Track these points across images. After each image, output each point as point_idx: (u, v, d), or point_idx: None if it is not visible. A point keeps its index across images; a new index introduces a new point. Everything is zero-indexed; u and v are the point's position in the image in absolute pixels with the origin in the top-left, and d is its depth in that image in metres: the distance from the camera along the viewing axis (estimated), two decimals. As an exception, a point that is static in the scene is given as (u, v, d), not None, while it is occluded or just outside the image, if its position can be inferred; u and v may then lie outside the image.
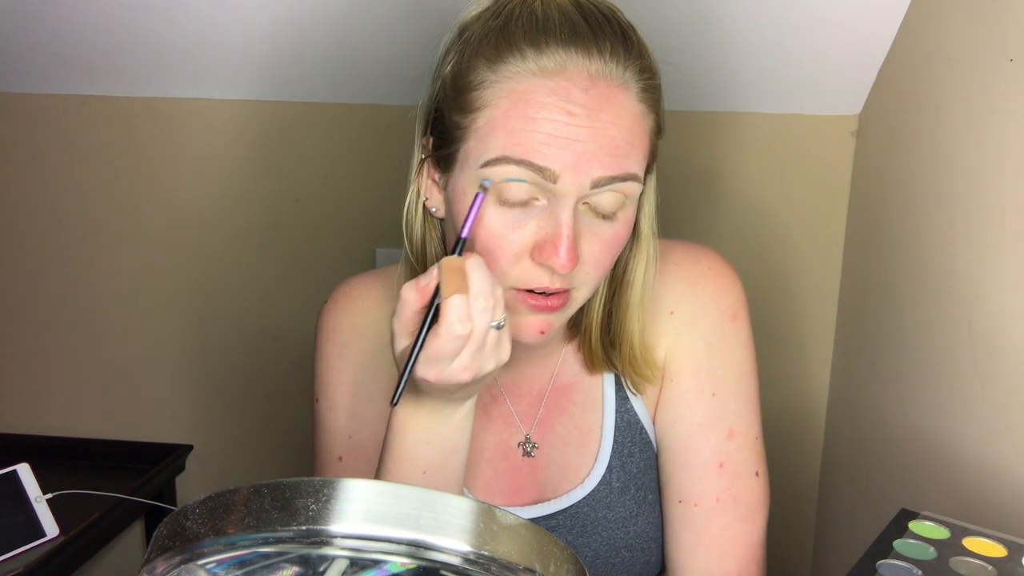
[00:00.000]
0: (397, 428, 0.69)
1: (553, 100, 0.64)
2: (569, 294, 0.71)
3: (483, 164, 0.66)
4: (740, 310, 0.82)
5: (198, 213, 1.46)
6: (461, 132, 0.68)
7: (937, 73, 1.06)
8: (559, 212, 0.66)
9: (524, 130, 0.65)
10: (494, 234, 0.67)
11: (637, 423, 0.83)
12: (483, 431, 0.83)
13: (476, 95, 0.67)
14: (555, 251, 0.66)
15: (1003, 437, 0.88)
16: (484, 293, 0.61)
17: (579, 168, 0.65)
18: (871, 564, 0.62)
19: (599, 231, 0.69)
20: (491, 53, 0.67)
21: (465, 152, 0.68)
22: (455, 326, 0.60)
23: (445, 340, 0.61)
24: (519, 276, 0.69)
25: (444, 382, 0.63)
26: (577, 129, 0.64)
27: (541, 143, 0.64)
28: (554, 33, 0.65)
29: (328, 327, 0.86)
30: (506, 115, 0.65)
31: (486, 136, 0.66)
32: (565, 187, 0.65)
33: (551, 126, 0.64)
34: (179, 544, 0.44)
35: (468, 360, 0.62)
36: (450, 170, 0.71)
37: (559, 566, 0.45)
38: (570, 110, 0.64)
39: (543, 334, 0.71)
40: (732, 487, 0.80)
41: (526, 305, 0.70)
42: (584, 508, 0.82)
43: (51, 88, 1.42)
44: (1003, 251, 0.89)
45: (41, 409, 1.54)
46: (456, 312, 0.60)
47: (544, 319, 0.71)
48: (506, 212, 0.67)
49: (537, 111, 0.64)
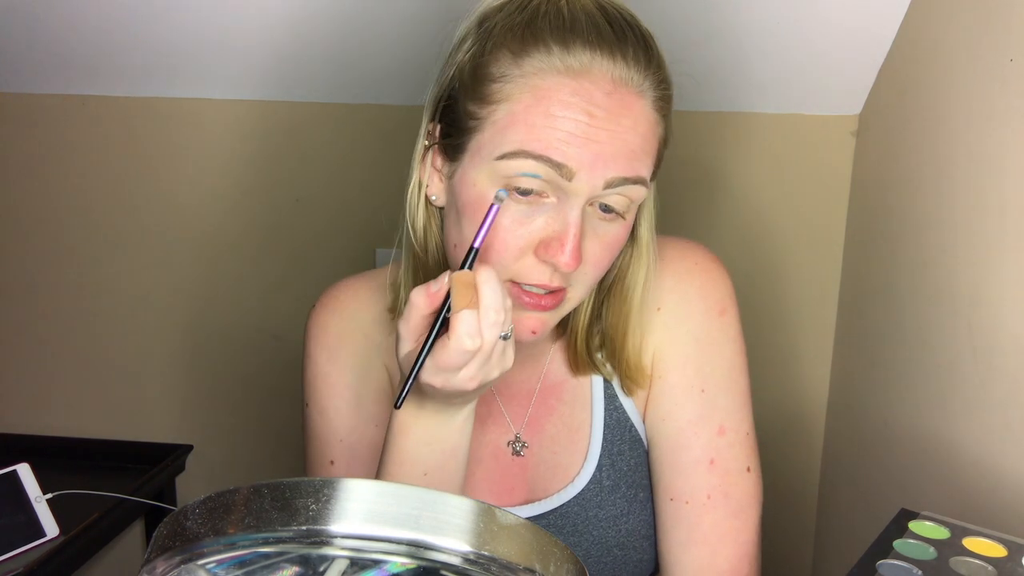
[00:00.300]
0: (398, 430, 0.69)
1: (576, 100, 0.65)
2: (564, 293, 0.71)
3: (499, 156, 0.66)
4: (728, 305, 0.82)
5: (198, 213, 1.46)
6: (476, 123, 0.68)
7: (937, 73, 1.06)
8: (568, 211, 0.67)
9: (545, 126, 0.65)
10: (502, 228, 0.67)
11: (627, 421, 0.83)
12: (473, 432, 0.83)
13: (497, 87, 0.67)
14: (561, 249, 0.66)
15: (1003, 437, 0.88)
16: (495, 307, 0.61)
17: (595, 168, 0.65)
18: (871, 564, 0.62)
19: (602, 232, 0.70)
20: (516, 46, 0.67)
21: (479, 143, 0.68)
22: (464, 340, 0.61)
23: (454, 353, 0.61)
24: (520, 271, 0.69)
25: (450, 389, 0.63)
26: (597, 131, 0.65)
27: (561, 140, 0.65)
28: (581, 34, 0.66)
29: (316, 330, 0.86)
30: (527, 110, 0.66)
31: (504, 129, 0.66)
32: (579, 186, 0.66)
33: (572, 125, 0.65)
34: (179, 544, 0.44)
35: (475, 371, 0.62)
36: (458, 159, 0.71)
37: (559, 566, 0.45)
38: (592, 112, 0.65)
39: (535, 333, 0.71)
40: (723, 484, 0.79)
41: (520, 303, 0.70)
42: (574, 507, 0.82)
43: (51, 88, 1.42)
44: (1003, 251, 0.89)
45: (41, 409, 1.54)
46: (466, 327, 0.60)
47: (538, 318, 0.71)
48: (515, 206, 0.67)
49: (560, 109, 0.65)
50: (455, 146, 0.71)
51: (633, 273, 0.78)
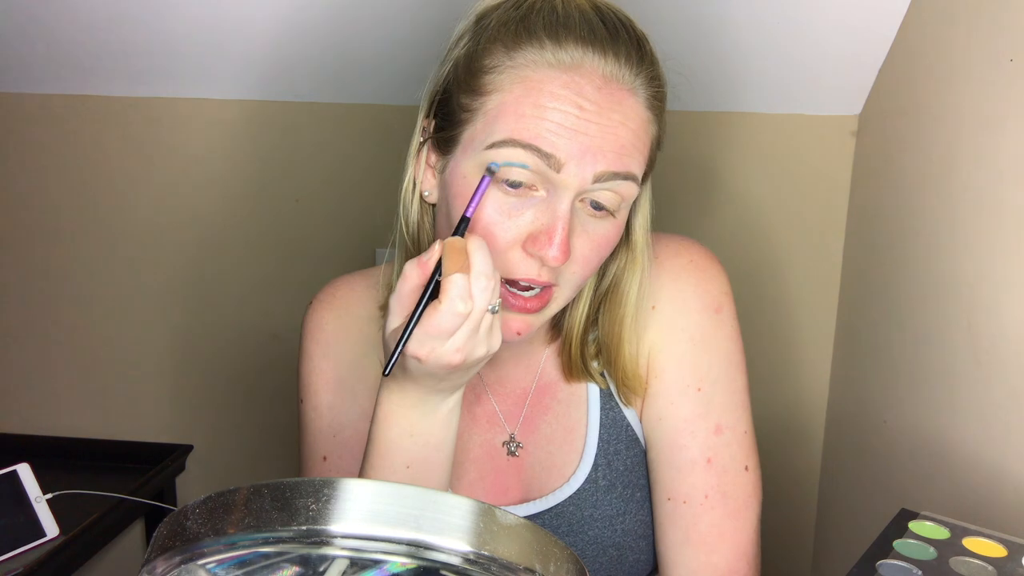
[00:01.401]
0: (381, 420, 0.69)
1: (566, 93, 0.65)
2: (551, 292, 0.71)
3: (488, 146, 0.67)
4: (725, 303, 0.81)
5: (198, 213, 1.46)
6: (469, 115, 0.69)
7: (937, 73, 1.07)
8: (556, 204, 0.67)
9: (534, 116, 0.66)
10: (490, 220, 0.68)
11: (623, 421, 0.83)
12: (468, 431, 0.83)
13: (489, 79, 0.68)
14: (549, 242, 0.67)
15: (1003, 437, 0.88)
16: (485, 273, 0.62)
17: (584, 160, 0.65)
18: (871, 564, 0.63)
19: (591, 229, 0.70)
20: (509, 40, 0.67)
21: (471, 134, 0.69)
22: (456, 303, 0.61)
23: (445, 316, 0.61)
24: (507, 265, 0.69)
25: (434, 362, 0.63)
26: (587, 124, 0.65)
27: (550, 131, 0.65)
28: (573, 30, 0.67)
29: (312, 327, 0.87)
30: (518, 100, 0.66)
31: (495, 119, 0.67)
32: (567, 178, 0.66)
33: (561, 116, 0.65)
34: (179, 544, 0.44)
35: (462, 341, 0.62)
36: (450, 152, 0.71)
37: (559, 566, 0.45)
38: (582, 104, 0.65)
39: (520, 334, 0.71)
40: (720, 483, 0.79)
41: (506, 303, 0.70)
42: (570, 507, 0.82)
43: (51, 88, 1.42)
44: (1003, 251, 0.89)
45: (41, 409, 1.54)
46: (458, 290, 0.61)
47: (523, 319, 0.71)
48: (504, 199, 0.67)
49: (549, 100, 0.65)
50: (448, 139, 0.71)
51: (628, 278, 0.78)
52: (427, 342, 0.62)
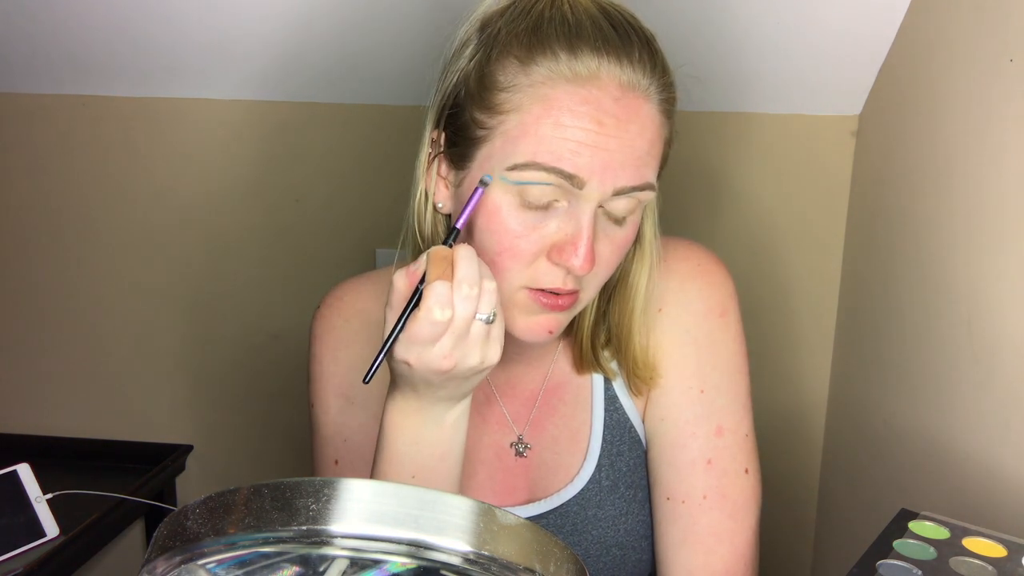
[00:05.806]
0: (388, 429, 0.70)
1: (585, 109, 0.65)
2: (578, 295, 0.71)
3: (510, 167, 0.67)
4: (729, 306, 0.82)
5: (198, 213, 1.46)
6: (486, 132, 0.69)
7: (937, 73, 1.07)
8: (580, 215, 0.67)
9: (555, 137, 0.65)
10: (515, 234, 0.68)
11: (626, 421, 0.83)
12: (477, 432, 0.84)
13: (506, 96, 0.67)
14: (574, 252, 0.67)
15: (1003, 437, 0.88)
16: (468, 281, 0.62)
17: (605, 176, 0.66)
18: (871, 564, 0.63)
19: (611, 233, 0.70)
20: (523, 53, 0.67)
21: (488, 152, 0.69)
22: (434, 311, 0.61)
23: (423, 324, 0.61)
24: (533, 275, 0.69)
25: (424, 368, 0.63)
26: (607, 139, 0.66)
27: (571, 151, 0.65)
28: (587, 39, 0.66)
29: (321, 331, 0.87)
30: (538, 121, 0.66)
31: (515, 140, 0.67)
32: (589, 192, 0.67)
33: (582, 135, 0.65)
34: (179, 544, 0.44)
35: (448, 348, 0.62)
36: (466, 168, 0.71)
37: (559, 566, 0.45)
38: (601, 120, 0.65)
39: (551, 333, 0.72)
40: (720, 484, 0.79)
41: (538, 304, 0.70)
42: (574, 507, 0.82)
43: (51, 88, 1.42)
44: (1003, 251, 0.89)
45: (41, 409, 1.54)
46: (436, 298, 0.61)
47: (554, 318, 0.72)
48: (527, 213, 0.68)
49: (569, 119, 0.65)
50: (462, 154, 0.71)
51: (636, 272, 0.78)
52: (412, 348, 0.63)
